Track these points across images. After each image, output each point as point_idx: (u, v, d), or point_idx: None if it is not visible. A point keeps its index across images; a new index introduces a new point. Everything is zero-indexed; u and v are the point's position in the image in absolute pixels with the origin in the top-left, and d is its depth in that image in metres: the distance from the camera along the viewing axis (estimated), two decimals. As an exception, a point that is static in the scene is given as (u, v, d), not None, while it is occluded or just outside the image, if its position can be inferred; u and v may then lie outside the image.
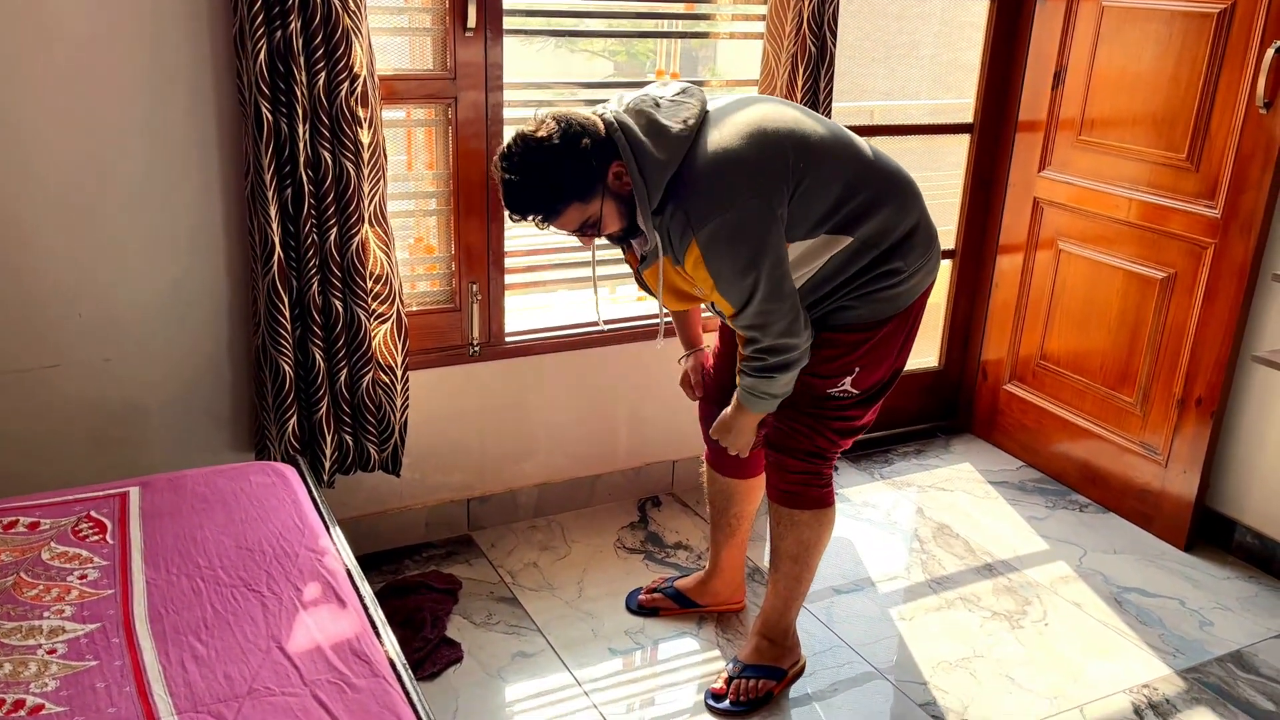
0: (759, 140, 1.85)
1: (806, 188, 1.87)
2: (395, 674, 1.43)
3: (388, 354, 2.50)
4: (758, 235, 1.81)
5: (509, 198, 1.82)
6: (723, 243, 1.81)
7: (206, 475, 1.92)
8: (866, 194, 1.93)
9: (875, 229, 1.94)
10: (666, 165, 1.81)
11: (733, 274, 1.83)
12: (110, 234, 2.25)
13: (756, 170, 1.83)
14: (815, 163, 1.88)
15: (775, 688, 2.24)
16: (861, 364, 2.03)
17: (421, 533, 2.80)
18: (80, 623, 1.50)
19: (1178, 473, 2.86)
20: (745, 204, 1.80)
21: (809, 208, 1.89)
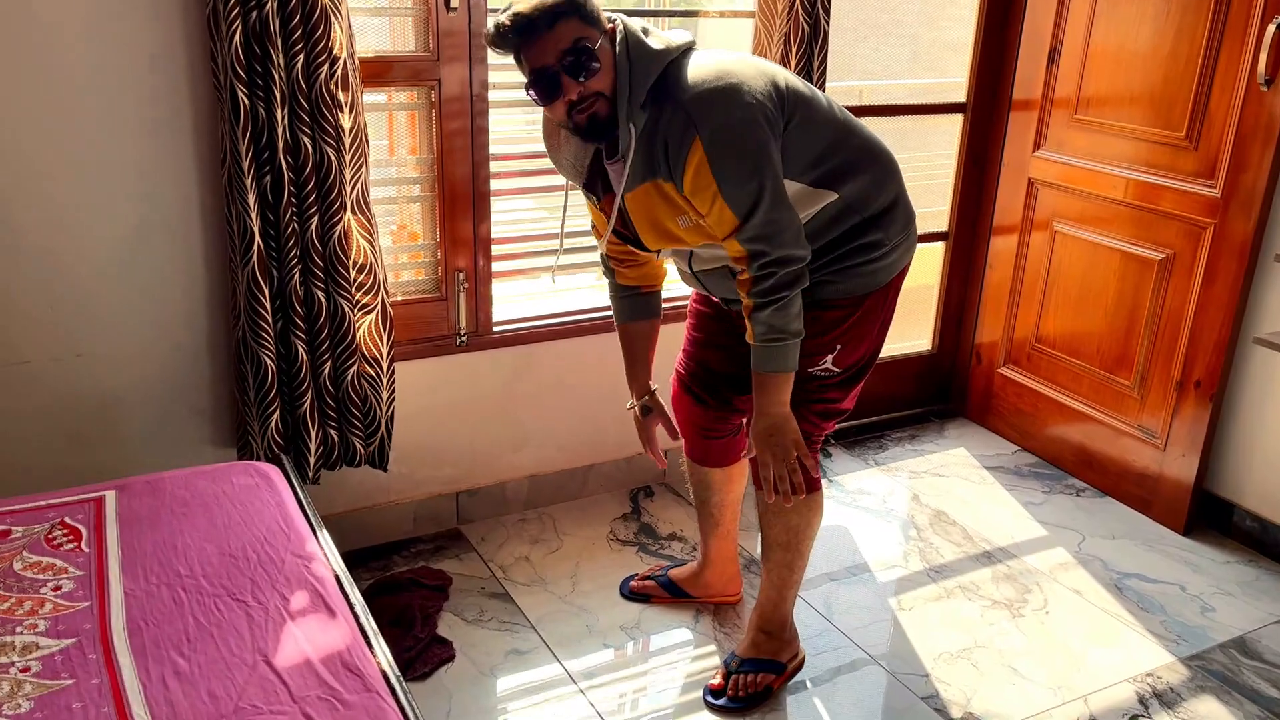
0: (753, 66, 1.81)
1: (796, 124, 1.81)
2: (389, 687, 1.37)
3: (372, 346, 2.43)
4: (762, 139, 1.73)
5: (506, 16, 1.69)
6: (729, 143, 1.71)
7: (186, 477, 1.85)
8: (848, 155, 1.88)
9: (858, 192, 1.89)
10: (655, 56, 1.73)
11: (740, 176, 1.72)
12: (82, 225, 2.16)
13: (756, 85, 1.76)
14: (802, 105, 1.83)
15: (775, 681, 2.19)
16: (842, 341, 1.97)
17: (409, 528, 2.74)
18: (55, 638, 1.43)
19: (1176, 456, 2.83)
20: (748, 107, 1.72)
21: (797, 148, 1.82)
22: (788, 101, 1.81)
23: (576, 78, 1.70)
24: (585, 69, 1.70)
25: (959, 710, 2.16)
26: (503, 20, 1.69)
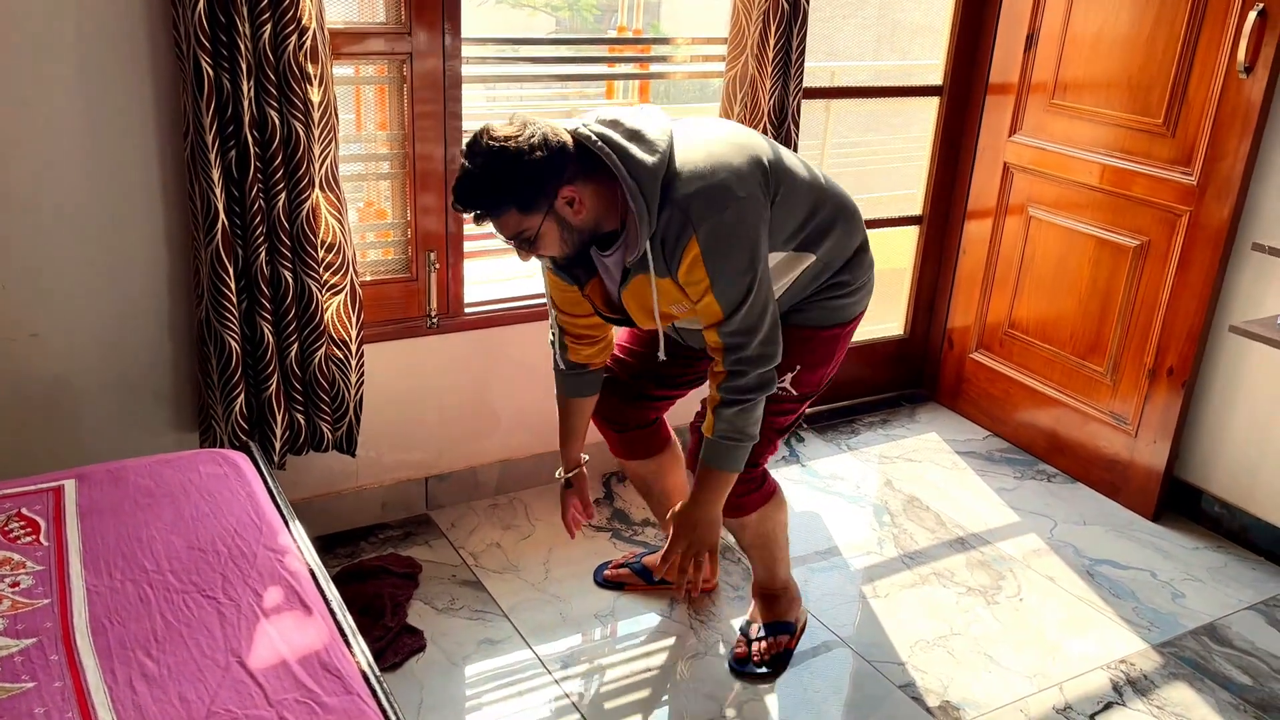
0: (738, 148, 1.85)
1: (780, 199, 1.87)
2: (369, 688, 1.31)
3: (341, 327, 2.35)
4: (755, 233, 1.80)
5: (457, 184, 1.74)
6: (725, 239, 1.76)
7: (150, 466, 1.77)
8: (824, 216, 1.96)
9: (832, 249, 1.98)
10: (656, 170, 1.75)
11: (732, 272, 1.78)
12: (37, 200, 2.06)
13: (745, 172, 1.81)
14: (785, 178, 1.90)
15: (790, 642, 2.24)
16: (804, 364, 2.03)
17: (378, 513, 2.68)
18: (13, 638, 1.35)
19: (1147, 443, 2.84)
20: (742, 201, 1.78)
21: (782, 221, 1.89)
22: (772, 179, 1.86)
23: (526, 253, 1.81)
24: (531, 249, 1.79)
25: (936, 699, 2.16)
26: (454, 203, 1.75)
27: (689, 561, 1.96)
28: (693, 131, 1.87)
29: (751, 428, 1.89)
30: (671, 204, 1.75)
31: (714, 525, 1.96)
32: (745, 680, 2.19)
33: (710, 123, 1.96)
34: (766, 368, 1.86)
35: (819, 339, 2.03)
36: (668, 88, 3.74)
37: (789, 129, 2.72)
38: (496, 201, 1.71)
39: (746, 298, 1.79)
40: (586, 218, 1.78)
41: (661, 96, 3.65)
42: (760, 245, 1.80)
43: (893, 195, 3.69)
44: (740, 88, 2.69)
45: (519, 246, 1.80)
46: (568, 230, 1.78)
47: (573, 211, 1.76)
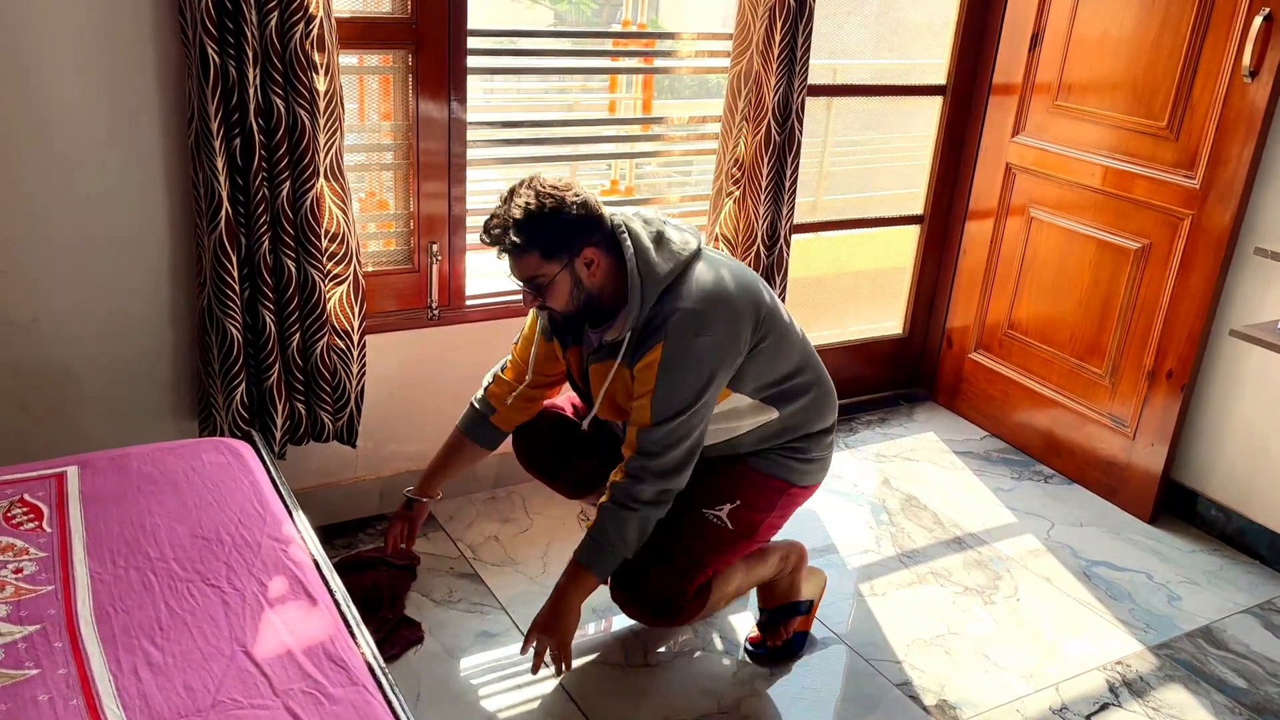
0: (743, 288, 1.95)
1: (765, 347, 1.97)
2: (375, 680, 1.31)
3: (343, 318, 2.35)
4: (713, 368, 1.89)
5: (493, 217, 1.86)
6: (685, 358, 1.86)
7: (153, 453, 1.76)
8: (801, 381, 2.06)
9: (797, 415, 2.07)
10: (663, 277, 1.88)
11: (674, 393, 1.87)
12: (39, 185, 2.05)
13: (737, 312, 1.91)
14: (778, 330, 2.00)
15: (803, 622, 2.26)
16: (745, 500, 2.06)
17: (376, 505, 2.67)
18: (17, 624, 1.34)
19: (1145, 445, 2.85)
20: (719, 336, 1.88)
21: (761, 367, 1.99)
22: (764, 324, 1.97)
23: (534, 301, 1.91)
24: (540, 296, 1.89)
25: (933, 698, 2.16)
26: (483, 233, 1.87)
27: (543, 650, 1.95)
28: (720, 258, 2.00)
29: (629, 540, 1.92)
30: (663, 307, 1.87)
31: (569, 618, 1.96)
32: (760, 664, 2.21)
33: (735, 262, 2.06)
34: (664, 487, 1.91)
35: (768, 484, 2.08)
36: (671, 83, 3.73)
37: (792, 126, 2.72)
38: (527, 240, 1.81)
39: (675, 418, 1.87)
40: (597, 283, 1.90)
41: (665, 91, 3.65)
42: (714, 383, 1.89)
43: (895, 194, 3.69)
44: (745, 84, 2.68)
45: (530, 290, 1.89)
46: (578, 288, 1.89)
47: (588, 273, 1.88)
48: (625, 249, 1.88)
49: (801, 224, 3.04)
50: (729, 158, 2.75)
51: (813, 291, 3.60)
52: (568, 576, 1.96)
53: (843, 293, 3.87)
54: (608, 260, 1.89)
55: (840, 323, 3.59)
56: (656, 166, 3.80)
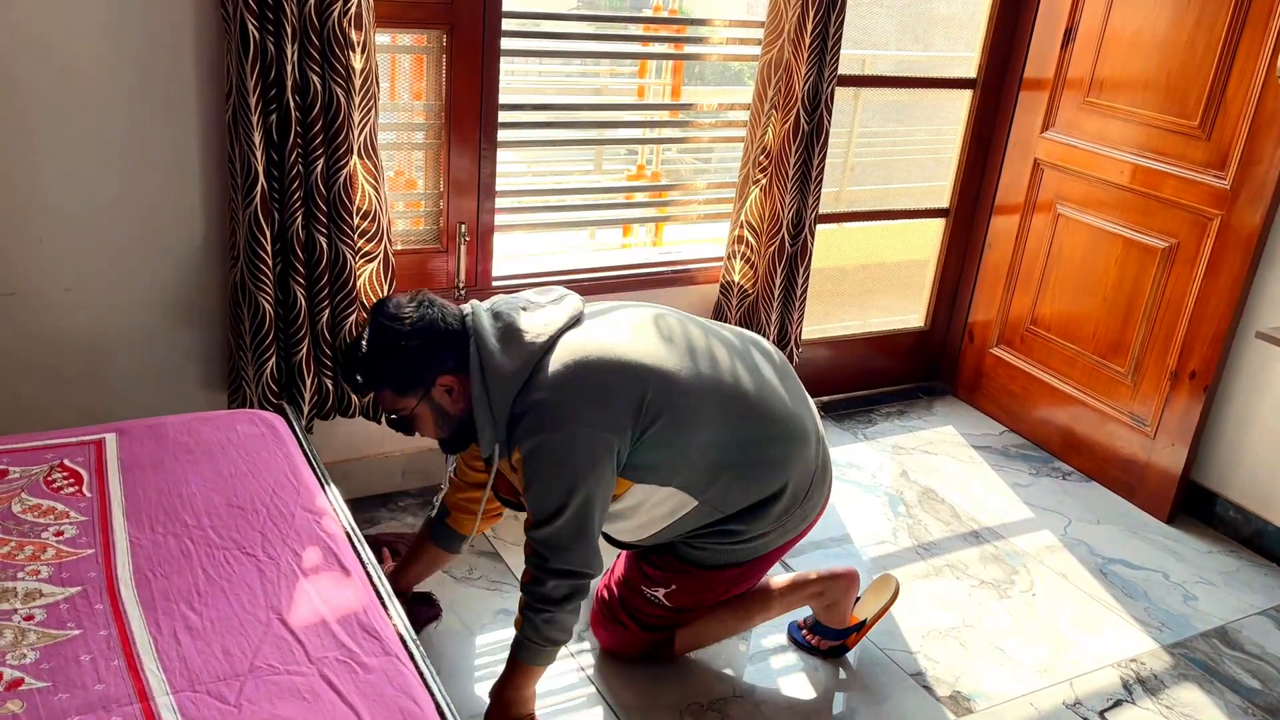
0: (617, 363, 1.75)
1: (660, 430, 1.76)
2: (407, 651, 1.34)
3: (373, 295, 2.37)
4: (581, 466, 1.71)
5: (345, 354, 1.81)
6: (544, 460, 1.71)
7: (189, 423, 1.79)
8: (724, 459, 1.84)
9: (723, 496, 1.87)
10: (511, 376, 1.71)
11: (544, 489, 1.73)
12: (76, 156, 2.07)
13: (601, 393, 1.73)
14: (675, 409, 1.77)
15: (851, 639, 2.22)
16: (680, 586, 2.00)
17: (397, 481, 2.70)
18: (59, 585, 1.37)
19: (1165, 445, 2.85)
20: (578, 430, 1.70)
21: (659, 454, 1.79)
22: (651, 406, 1.75)
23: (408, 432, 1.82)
24: (406, 430, 1.82)
25: (946, 689, 2.18)
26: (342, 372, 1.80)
27: None
28: (595, 330, 1.80)
29: (562, 631, 1.82)
30: (520, 404, 1.71)
31: (522, 703, 1.88)
32: (798, 649, 2.23)
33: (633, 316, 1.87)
34: (572, 580, 1.77)
35: (700, 575, 1.99)
36: (701, 69, 3.73)
37: (821, 115, 2.72)
38: (373, 379, 1.75)
39: (554, 519, 1.73)
40: (460, 408, 1.77)
41: (695, 78, 3.65)
42: (585, 479, 1.70)
43: (920, 187, 3.69)
44: (775, 72, 2.69)
45: (394, 425, 1.81)
46: (443, 417, 1.79)
47: (450, 400, 1.77)
48: (473, 361, 1.73)
49: (825, 214, 3.05)
50: (756, 145, 2.76)
51: (835, 282, 3.61)
52: (511, 669, 1.86)
53: (865, 284, 3.87)
54: (464, 382, 1.76)
55: (861, 314, 3.60)
56: (681, 153, 3.81)
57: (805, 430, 1.95)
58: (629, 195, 3.24)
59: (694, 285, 2.94)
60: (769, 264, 2.81)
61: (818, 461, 1.98)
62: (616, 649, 2.14)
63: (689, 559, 1.98)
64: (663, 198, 3.14)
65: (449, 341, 1.74)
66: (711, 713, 2.05)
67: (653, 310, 1.94)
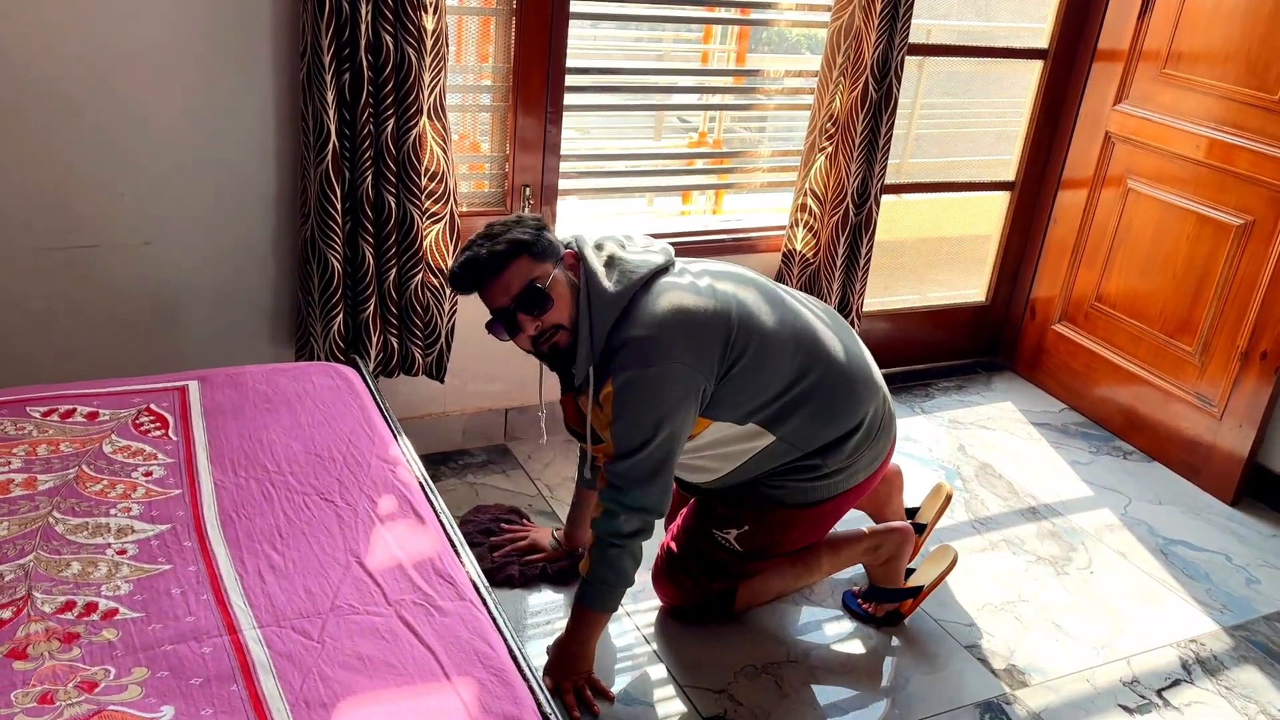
0: (709, 306, 1.82)
1: (742, 369, 1.84)
2: (480, 599, 1.37)
3: (439, 255, 2.40)
4: (670, 403, 1.77)
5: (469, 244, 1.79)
6: (636, 393, 1.76)
7: (267, 373, 1.83)
8: (799, 395, 1.91)
9: (799, 432, 1.93)
10: (614, 301, 1.78)
11: (632, 423, 1.78)
12: (154, 114, 2.12)
13: (694, 335, 1.79)
14: (757, 348, 1.85)
15: (906, 606, 2.23)
16: (752, 524, 2.03)
17: (458, 440, 2.74)
18: (149, 523, 1.42)
19: (1232, 426, 2.81)
20: (672, 367, 1.76)
21: (740, 391, 1.86)
22: (737, 342, 1.83)
23: (532, 314, 1.78)
24: (539, 306, 1.77)
25: (1001, 661, 2.18)
26: (455, 267, 1.79)
27: (566, 691, 1.90)
28: (689, 271, 1.88)
29: (624, 573, 1.87)
30: (617, 336, 1.77)
31: (583, 658, 1.92)
32: (852, 618, 2.25)
33: (718, 270, 1.95)
34: (642, 519, 1.84)
35: (775, 513, 2.02)
36: (769, 35, 3.70)
37: (890, 83, 2.69)
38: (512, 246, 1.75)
39: (637, 453, 1.78)
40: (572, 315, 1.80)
41: (762, 44, 3.62)
42: (672, 415, 1.77)
43: (985, 160, 3.63)
44: (845, 39, 2.66)
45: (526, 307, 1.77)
46: (574, 291, 1.80)
47: (574, 274, 1.82)
48: (580, 279, 1.80)
49: (889, 185, 3.02)
50: (824, 113, 2.73)
51: (894, 255, 3.57)
52: (574, 620, 1.91)
53: (925, 257, 3.83)
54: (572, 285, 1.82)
55: (920, 288, 3.56)
56: (739, 121, 3.78)
57: (870, 374, 2.06)
58: (689, 162, 3.23)
59: (755, 253, 2.93)
60: (832, 233, 2.80)
61: (885, 408, 2.08)
62: (678, 603, 2.16)
63: (765, 496, 2.02)
64: (724, 165, 3.13)
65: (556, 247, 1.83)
66: (765, 675, 2.07)
67: (733, 265, 2.05)
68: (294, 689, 1.16)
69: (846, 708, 2.01)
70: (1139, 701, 2.10)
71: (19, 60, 1.97)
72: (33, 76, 1.99)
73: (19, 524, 1.39)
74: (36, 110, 2.02)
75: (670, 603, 2.17)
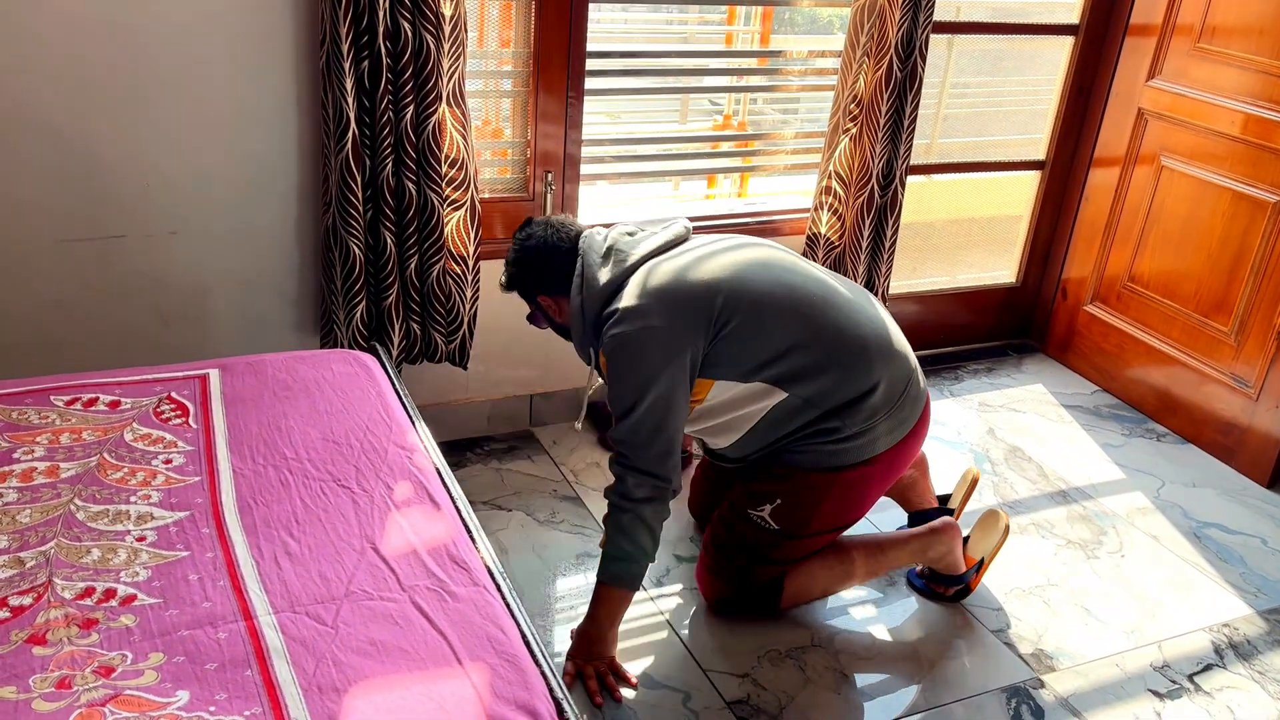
0: (690, 276, 1.91)
1: (735, 330, 1.90)
2: (494, 582, 1.37)
3: (460, 243, 2.40)
4: (654, 361, 1.85)
5: None
6: (621, 355, 1.87)
7: (287, 361, 1.85)
8: (811, 356, 1.94)
9: (814, 390, 1.95)
10: (602, 287, 1.92)
11: (621, 385, 1.88)
12: (177, 105, 2.14)
13: (674, 302, 1.88)
14: (749, 310, 1.91)
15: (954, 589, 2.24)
16: (784, 498, 2.02)
17: (483, 426, 2.75)
18: (168, 509, 1.44)
19: (1269, 407, 2.75)
20: (654, 329, 1.85)
21: (739, 350, 1.92)
22: (725, 310, 1.90)
23: (540, 325, 2.13)
24: (538, 322, 2.13)
25: (1029, 646, 2.16)
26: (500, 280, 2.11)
27: (589, 677, 1.91)
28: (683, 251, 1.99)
29: (639, 543, 1.89)
30: (606, 313, 1.91)
31: (605, 642, 1.93)
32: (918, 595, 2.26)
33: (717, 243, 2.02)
34: (652, 482, 1.87)
35: (806, 478, 2.01)
36: (791, 16, 3.66)
37: (915, 62, 2.65)
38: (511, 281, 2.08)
39: (631, 413, 1.85)
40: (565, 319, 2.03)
41: (786, 25, 3.58)
42: (658, 376, 1.84)
43: (1015, 139, 3.58)
44: (868, 18, 2.62)
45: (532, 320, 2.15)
46: (553, 325, 2.10)
47: (555, 312, 2.05)
48: (575, 280, 1.96)
49: (915, 166, 2.98)
50: (848, 93, 2.70)
51: (924, 236, 3.53)
52: (595, 601, 1.93)
53: (955, 238, 3.78)
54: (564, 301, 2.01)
55: (950, 270, 3.52)
56: (767, 104, 3.75)
57: (888, 340, 2.03)
58: (714, 145, 3.21)
59: (780, 236, 2.91)
60: (857, 215, 2.77)
61: (911, 382, 2.06)
62: (723, 595, 2.13)
63: (791, 462, 2.02)
64: (749, 147, 3.10)
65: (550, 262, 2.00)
66: (789, 660, 2.06)
67: (747, 239, 2.09)
68: (307, 674, 1.17)
69: (872, 693, 2.00)
70: (1170, 686, 2.07)
71: (44, 54, 1.99)
72: (58, 70, 2.02)
73: (41, 511, 1.41)
74: (62, 103, 2.04)
75: (716, 596, 2.15)
